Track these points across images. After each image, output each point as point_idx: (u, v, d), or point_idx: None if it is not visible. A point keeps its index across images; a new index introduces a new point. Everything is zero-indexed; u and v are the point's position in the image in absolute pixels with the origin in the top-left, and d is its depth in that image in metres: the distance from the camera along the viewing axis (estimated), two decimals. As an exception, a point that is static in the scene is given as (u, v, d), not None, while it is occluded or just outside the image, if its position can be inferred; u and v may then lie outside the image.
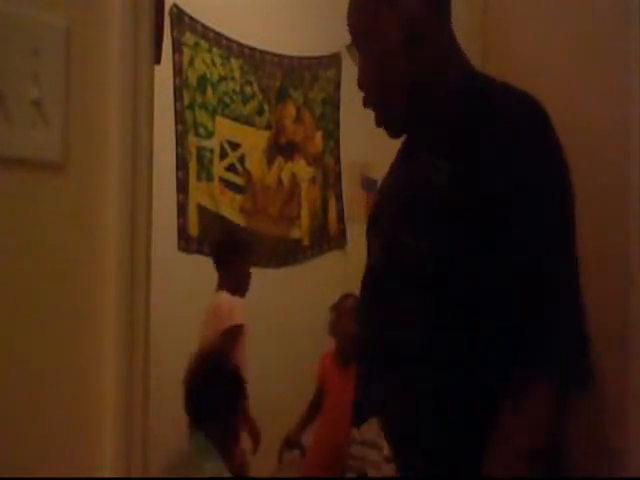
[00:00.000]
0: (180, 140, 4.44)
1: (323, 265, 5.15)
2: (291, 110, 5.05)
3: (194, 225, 4.50)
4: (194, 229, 4.51)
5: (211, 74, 4.62)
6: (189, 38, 4.49)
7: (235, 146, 4.73)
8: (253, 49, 4.81)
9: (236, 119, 4.74)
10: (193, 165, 4.51)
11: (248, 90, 4.82)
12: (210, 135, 4.60)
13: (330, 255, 5.24)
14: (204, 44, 4.57)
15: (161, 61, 1.19)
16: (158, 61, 1.16)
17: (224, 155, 4.68)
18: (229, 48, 4.70)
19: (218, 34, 4.63)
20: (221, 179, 4.65)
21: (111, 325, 1.03)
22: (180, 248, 4.43)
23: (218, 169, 4.63)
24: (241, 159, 4.77)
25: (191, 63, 4.51)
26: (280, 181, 4.97)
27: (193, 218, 4.50)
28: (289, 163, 5.03)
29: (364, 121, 2.03)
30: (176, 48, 4.40)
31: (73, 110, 1.02)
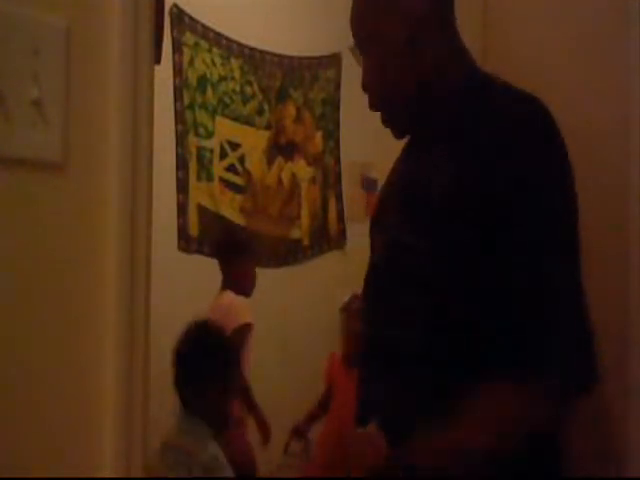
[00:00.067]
0: (180, 140, 4.44)
1: (323, 265, 5.15)
2: (291, 110, 5.05)
3: (194, 225, 4.51)
4: (194, 229, 4.51)
5: (211, 74, 4.62)
6: (189, 38, 4.49)
7: (235, 146, 4.73)
8: (253, 49, 4.81)
9: (236, 119, 4.74)
10: (193, 165, 4.51)
11: (248, 90, 4.82)
12: (210, 135, 4.60)
13: (330, 255, 5.24)
14: (204, 44, 4.57)
15: (161, 61, 1.19)
16: (158, 61, 1.16)
17: (224, 155, 4.68)
18: (229, 48, 4.70)
19: (218, 34, 4.63)
20: (221, 179, 4.65)
21: (111, 325, 1.03)
22: (180, 248, 4.43)
23: (218, 169, 4.63)
24: (241, 159, 4.77)
25: (191, 63, 4.51)
26: (280, 181, 4.97)
27: (193, 218, 4.50)
28: (289, 163, 5.03)
29: (364, 121, 2.04)
30: (176, 48, 4.40)
31: (73, 110, 1.02)
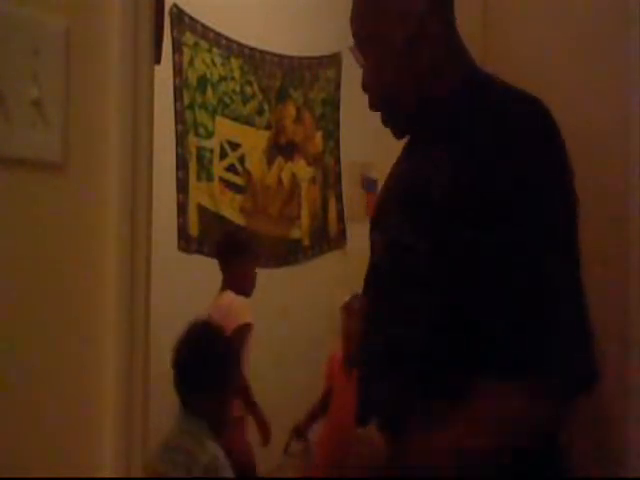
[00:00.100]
0: (180, 140, 4.44)
1: (323, 265, 5.15)
2: (291, 110, 5.05)
3: (194, 225, 4.51)
4: (194, 229, 4.51)
5: (211, 74, 4.62)
6: (189, 38, 4.49)
7: (235, 146, 4.73)
8: (253, 49, 4.81)
9: (236, 119, 4.74)
10: (193, 165, 4.51)
11: (248, 90, 4.82)
12: (210, 135, 4.60)
13: (330, 255, 5.24)
14: (204, 44, 4.57)
15: (161, 61, 1.19)
16: (158, 61, 1.16)
17: (224, 155, 4.68)
18: (229, 48, 4.70)
19: (218, 34, 4.63)
20: (221, 179, 4.65)
21: (111, 325, 1.03)
22: (180, 248, 4.43)
23: (218, 169, 4.63)
24: (241, 159, 4.77)
25: (191, 63, 4.51)
26: (280, 181, 4.97)
27: (193, 218, 4.50)
28: (289, 163, 5.03)
29: (364, 121, 2.04)
30: (176, 48, 4.40)
31: (73, 110, 1.02)
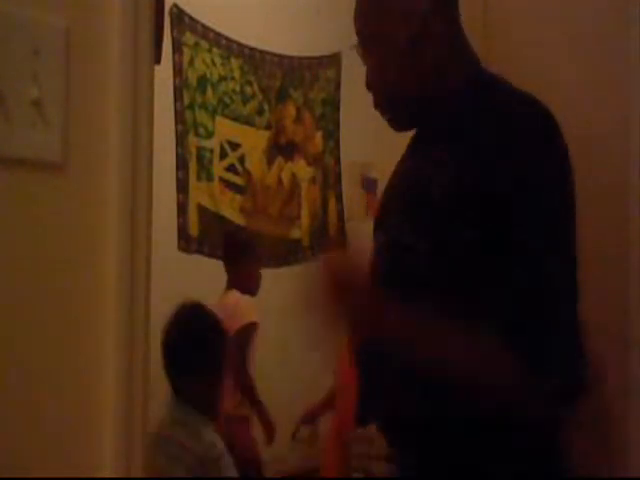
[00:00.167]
0: (180, 140, 4.44)
1: (323, 265, 5.13)
2: (291, 110, 5.05)
3: (194, 225, 4.50)
4: (194, 229, 4.51)
5: (211, 74, 4.62)
6: (189, 38, 4.49)
7: (235, 146, 4.73)
8: (253, 49, 4.81)
9: (236, 119, 4.74)
10: (193, 165, 4.51)
11: (248, 90, 4.82)
12: (210, 135, 4.60)
13: (330, 255, 5.23)
14: (204, 44, 4.57)
15: (161, 61, 1.19)
16: (158, 61, 1.16)
17: (224, 155, 4.67)
18: (229, 48, 4.70)
19: (218, 34, 4.63)
20: (221, 179, 4.65)
21: (111, 325, 1.02)
22: (180, 248, 4.42)
23: (218, 169, 4.63)
24: (241, 159, 4.77)
25: (191, 63, 4.51)
26: (280, 181, 4.97)
27: (193, 218, 4.50)
28: (289, 163, 5.03)
29: (364, 121, 2.04)
30: (176, 48, 4.40)
31: (73, 110, 1.02)
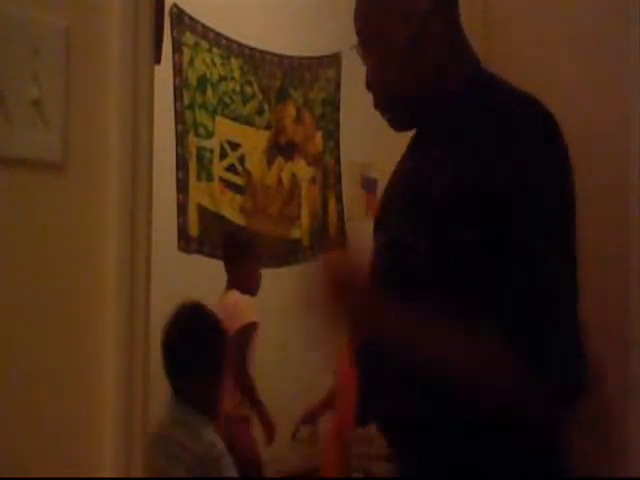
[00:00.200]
0: (180, 140, 4.44)
1: (323, 265, 5.13)
2: (291, 110, 5.05)
3: (194, 225, 4.50)
4: (194, 229, 4.51)
5: (211, 74, 4.62)
6: (189, 38, 4.49)
7: (235, 146, 4.73)
8: (253, 49, 4.81)
9: (236, 119, 4.74)
10: (193, 165, 4.51)
11: (248, 90, 4.81)
12: (210, 135, 4.60)
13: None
14: (204, 44, 4.57)
15: (161, 61, 1.19)
16: (158, 61, 1.16)
17: (224, 155, 4.67)
18: (229, 48, 4.70)
19: (218, 34, 4.63)
20: (221, 179, 4.65)
21: (111, 325, 1.02)
22: (180, 248, 4.42)
23: (218, 169, 4.63)
24: (241, 159, 4.77)
25: (191, 63, 4.51)
26: (280, 181, 4.97)
27: (193, 218, 4.50)
28: (289, 163, 5.03)
29: (364, 121, 2.04)
30: (176, 48, 4.40)
31: (73, 110, 1.02)
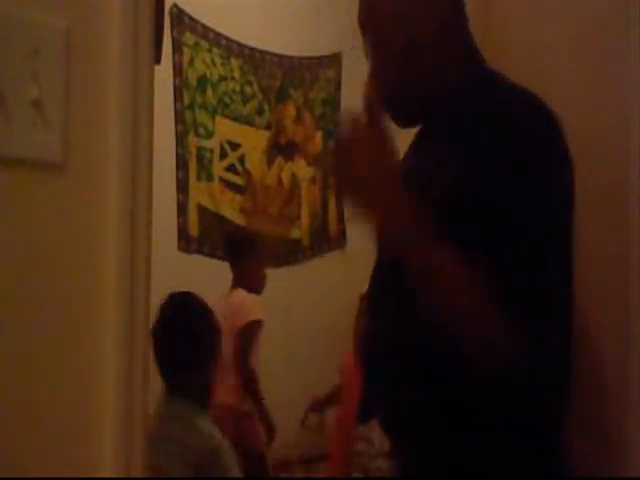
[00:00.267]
0: (180, 140, 4.44)
1: (323, 265, 5.14)
2: (291, 110, 5.05)
3: (194, 225, 4.51)
4: (194, 229, 4.51)
5: (211, 74, 4.62)
6: (189, 38, 4.49)
7: (235, 146, 4.73)
8: (253, 49, 4.81)
9: (236, 119, 4.74)
10: (193, 165, 4.51)
11: (248, 90, 4.82)
12: (210, 135, 4.60)
13: (330, 255, 5.23)
14: (204, 44, 4.57)
15: (161, 61, 1.19)
16: (158, 61, 1.16)
17: (224, 155, 4.68)
18: (229, 48, 4.70)
19: (218, 34, 4.63)
20: (221, 179, 4.65)
21: (111, 325, 1.02)
22: (180, 248, 4.43)
23: (218, 169, 4.64)
24: (241, 159, 4.77)
25: (191, 63, 4.51)
26: (280, 181, 4.97)
27: (193, 218, 4.50)
28: (289, 163, 5.03)
29: (364, 121, 2.03)
30: (176, 48, 4.40)
31: (73, 110, 1.02)
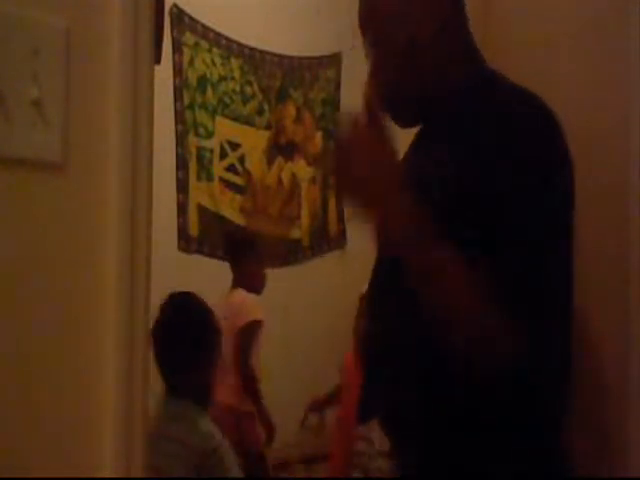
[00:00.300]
0: (180, 140, 4.44)
1: (323, 265, 5.15)
2: (291, 110, 5.05)
3: (194, 225, 4.51)
4: (194, 229, 4.51)
5: (211, 74, 4.62)
6: (189, 38, 4.49)
7: (235, 146, 4.73)
8: (253, 49, 4.81)
9: (236, 119, 4.74)
10: (193, 165, 4.51)
11: (248, 90, 4.82)
12: (210, 135, 4.60)
13: (330, 255, 5.24)
14: (204, 44, 4.57)
15: (161, 61, 1.19)
16: (158, 61, 1.16)
17: (224, 155, 4.68)
18: (229, 48, 4.70)
19: (218, 34, 4.63)
20: (221, 179, 4.65)
21: (111, 325, 1.02)
22: (180, 248, 4.43)
23: (218, 169, 4.64)
24: (241, 159, 4.77)
25: (191, 63, 4.51)
26: (280, 181, 4.98)
27: (193, 218, 4.50)
28: (289, 163, 5.03)
29: (364, 121, 2.03)
30: (176, 48, 4.40)
31: (73, 110, 1.02)
